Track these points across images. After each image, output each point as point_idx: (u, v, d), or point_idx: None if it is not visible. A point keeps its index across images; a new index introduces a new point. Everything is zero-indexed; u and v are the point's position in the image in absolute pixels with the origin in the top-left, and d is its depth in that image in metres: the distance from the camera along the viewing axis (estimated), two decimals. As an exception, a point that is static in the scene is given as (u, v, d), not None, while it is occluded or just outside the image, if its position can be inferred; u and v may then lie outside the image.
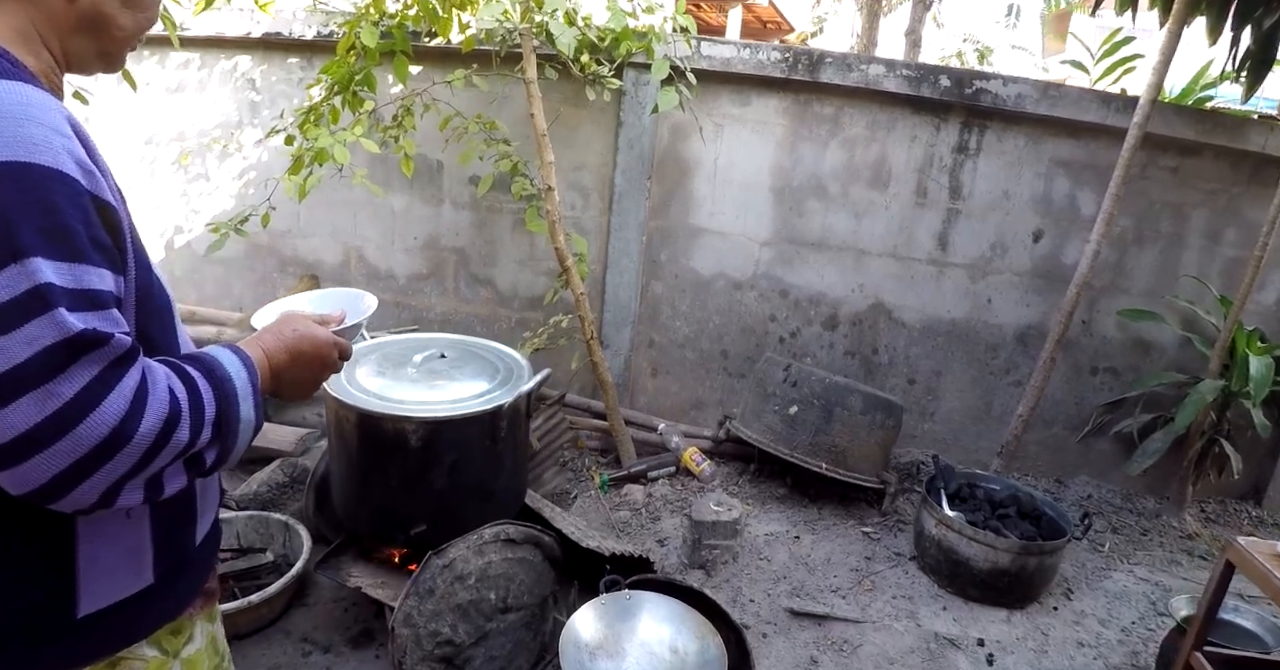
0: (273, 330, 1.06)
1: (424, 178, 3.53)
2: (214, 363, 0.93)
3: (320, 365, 1.09)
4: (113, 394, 0.77)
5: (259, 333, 1.07)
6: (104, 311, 0.79)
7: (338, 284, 3.83)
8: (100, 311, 0.78)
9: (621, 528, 2.81)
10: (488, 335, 3.62)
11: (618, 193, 3.32)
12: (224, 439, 0.90)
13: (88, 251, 0.78)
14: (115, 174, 0.96)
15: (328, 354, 1.09)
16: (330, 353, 1.10)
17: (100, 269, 0.80)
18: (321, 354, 1.08)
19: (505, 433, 1.99)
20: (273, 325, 1.08)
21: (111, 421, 0.76)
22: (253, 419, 0.94)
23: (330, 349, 1.09)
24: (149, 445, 0.80)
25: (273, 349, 1.03)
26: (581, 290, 2.83)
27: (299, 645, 2.26)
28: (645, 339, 3.50)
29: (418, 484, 1.96)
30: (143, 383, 0.81)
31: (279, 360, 1.03)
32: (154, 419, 0.80)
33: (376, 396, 1.92)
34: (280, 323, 1.09)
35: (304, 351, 1.06)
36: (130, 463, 0.79)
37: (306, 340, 1.06)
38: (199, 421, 0.85)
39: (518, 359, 2.22)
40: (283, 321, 1.09)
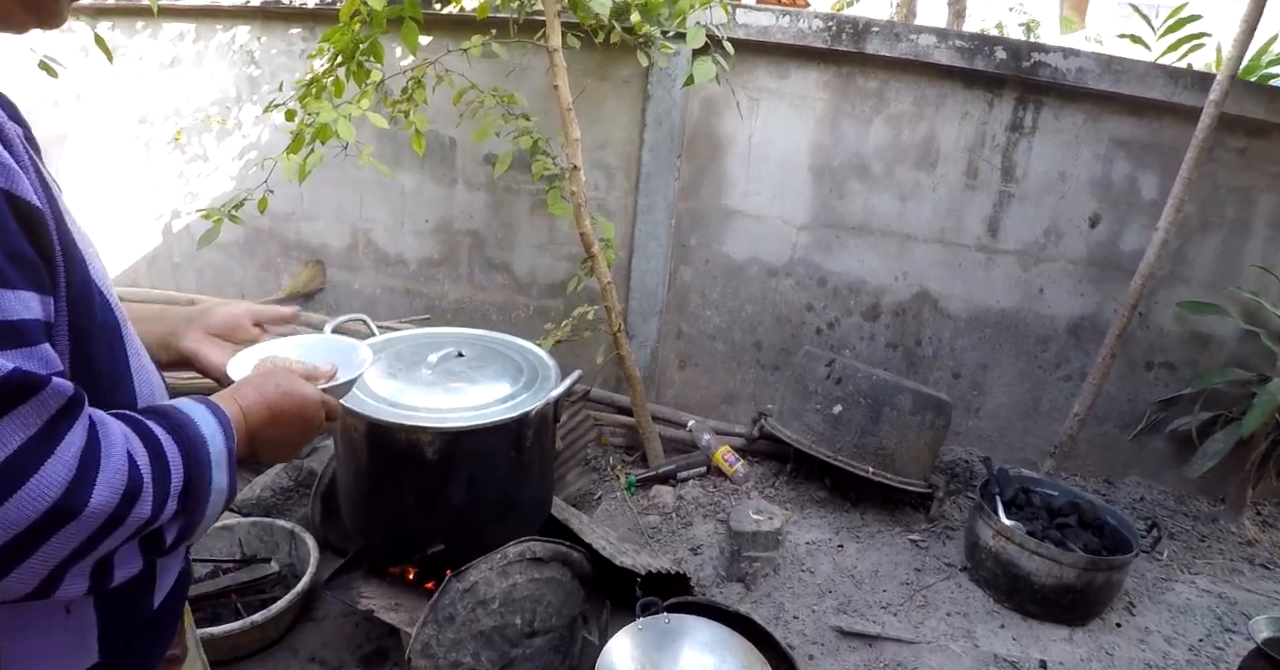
0: (253, 384, 0.91)
1: (436, 156, 3.31)
2: (184, 420, 0.75)
3: (303, 426, 0.94)
4: (53, 457, 0.60)
5: (237, 385, 0.92)
6: (32, 348, 0.62)
7: (345, 270, 3.63)
8: (27, 348, 0.61)
9: (651, 534, 2.62)
10: (504, 324, 3.42)
11: (645, 172, 3.10)
12: (190, 512, 0.74)
13: (3, 270, 0.61)
14: (106, 154, 0.74)
15: (313, 415, 0.95)
16: (316, 413, 0.95)
17: (22, 291, 0.62)
18: (306, 414, 0.93)
19: (531, 442, 1.79)
20: (253, 378, 0.93)
21: (53, 492, 0.60)
22: (225, 488, 0.79)
23: (317, 409, 0.95)
24: (100, 522, 0.64)
25: (251, 405, 0.87)
26: (608, 279, 2.62)
27: (306, 666, 2.09)
28: (673, 329, 3.30)
29: (434, 499, 1.77)
30: (91, 441, 0.64)
31: (257, 418, 0.88)
32: (108, 491, 0.64)
33: (388, 403, 1.72)
34: (262, 376, 0.94)
35: (286, 410, 0.91)
36: (74, 544, 0.63)
37: (290, 398, 0.91)
38: (163, 493, 0.70)
39: (543, 357, 2.02)
40: (265, 375, 0.94)
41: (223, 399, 0.86)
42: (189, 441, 0.74)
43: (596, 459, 3.00)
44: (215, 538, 2.29)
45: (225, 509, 0.81)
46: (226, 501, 0.80)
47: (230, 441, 0.79)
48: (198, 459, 0.74)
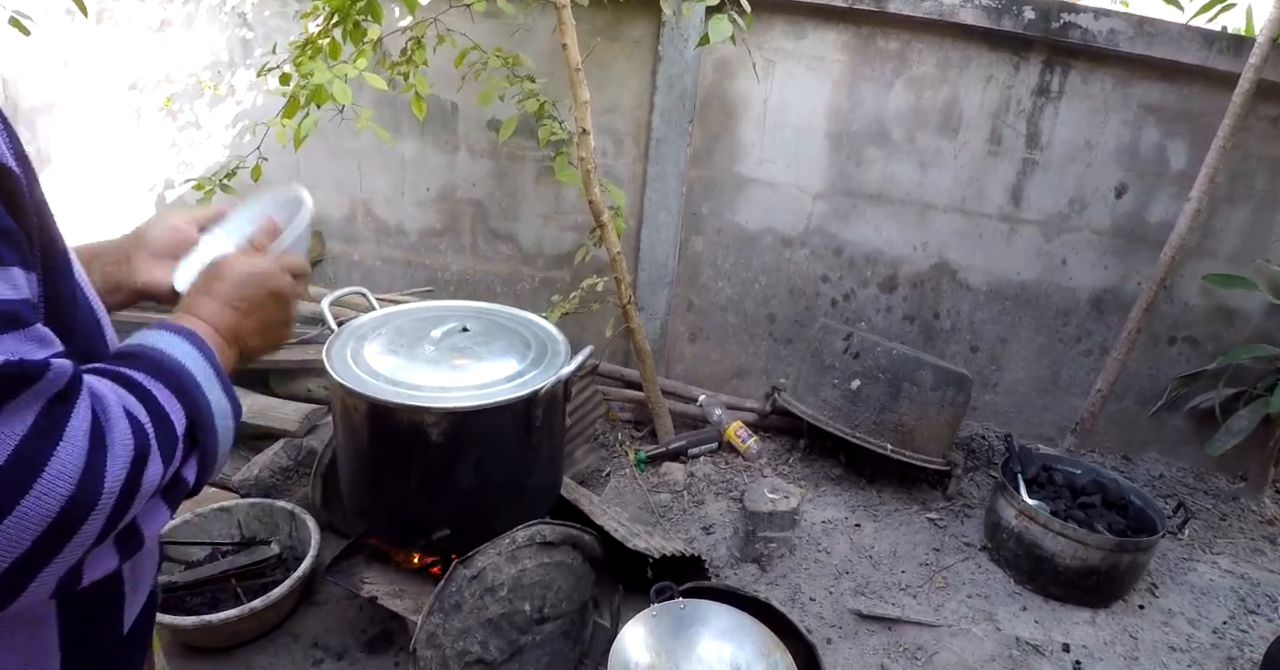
0: (201, 290, 0.83)
1: (437, 122, 3.18)
2: (157, 354, 0.69)
3: (276, 303, 0.86)
4: (64, 443, 0.54)
5: (186, 299, 0.83)
6: (26, 330, 0.56)
7: (344, 241, 3.51)
8: (21, 330, 0.55)
9: (662, 512, 2.55)
10: (509, 296, 3.32)
11: (655, 138, 2.98)
12: (203, 445, 0.69)
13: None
14: (95, 123, 0.65)
15: (279, 286, 0.86)
16: (281, 283, 0.87)
17: (10, 268, 0.55)
18: (273, 290, 0.86)
19: (541, 422, 1.70)
20: (199, 284, 0.85)
21: (69, 482, 0.54)
22: (227, 405, 0.73)
23: (279, 279, 0.87)
24: (118, 498, 0.58)
25: (211, 312, 0.80)
26: (618, 249, 2.52)
27: (309, 651, 2.03)
28: (683, 301, 3.20)
29: (439, 483, 1.69)
30: (96, 417, 0.58)
31: (226, 321, 0.81)
32: (121, 463, 0.58)
33: (389, 381, 1.63)
34: (206, 279, 0.85)
35: (249, 297, 0.83)
36: (98, 527, 0.58)
37: (247, 283, 0.83)
38: (169, 440, 0.64)
39: (551, 332, 1.92)
40: (207, 276, 0.85)
41: (181, 318, 0.78)
42: (172, 374, 0.68)
43: (605, 435, 2.92)
44: (213, 519, 2.22)
45: (237, 426, 0.75)
46: (234, 418, 0.74)
47: (210, 355, 0.73)
48: (185, 386, 0.68)
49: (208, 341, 0.75)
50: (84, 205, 3.81)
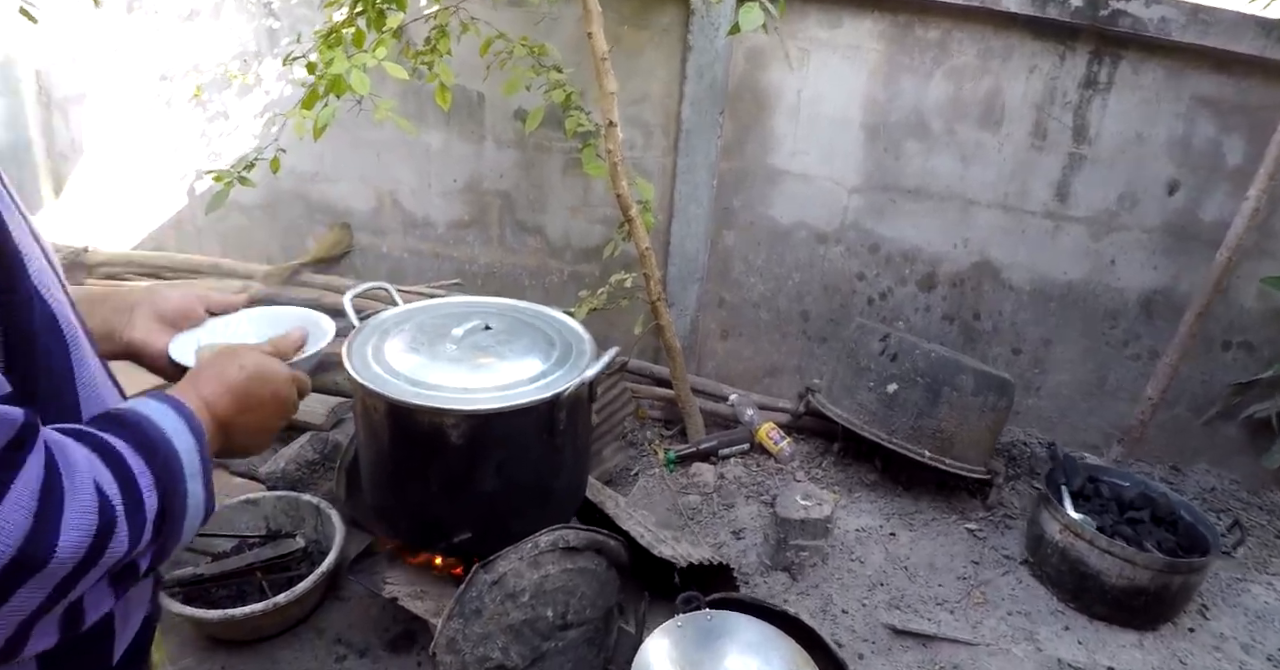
0: (214, 368, 0.79)
1: (463, 112, 3.13)
2: (149, 430, 0.64)
3: (275, 409, 0.83)
4: (6, 501, 0.50)
5: (195, 373, 0.79)
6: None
7: (371, 233, 3.48)
8: None
9: (691, 515, 2.49)
10: (537, 290, 3.27)
11: (685, 129, 2.91)
12: (167, 536, 0.64)
13: None
14: (127, 112, 0.60)
15: (285, 394, 0.84)
16: (288, 393, 0.84)
17: None
18: (279, 395, 0.83)
19: (565, 424, 1.64)
20: (214, 361, 0.81)
21: (10, 542, 0.49)
22: (202, 502, 0.68)
23: (288, 388, 0.84)
24: (69, 569, 0.54)
25: (214, 396, 0.76)
26: (646, 244, 2.45)
27: (332, 647, 2.01)
28: (714, 297, 3.12)
29: (461, 486, 1.64)
30: (51, 475, 0.53)
31: (225, 409, 0.76)
32: (77, 533, 0.53)
33: (409, 381, 1.58)
34: (222, 358, 0.81)
35: (254, 394, 0.79)
36: (40, 597, 0.53)
37: (258, 380, 0.80)
38: (138, 524, 0.59)
39: (576, 330, 1.86)
40: (225, 356, 0.82)
41: (183, 392, 0.74)
42: (158, 455, 0.63)
43: (634, 433, 2.86)
44: (240, 512, 2.21)
45: (204, 522, 0.69)
46: (205, 515, 0.69)
47: (202, 444, 0.68)
48: (170, 473, 0.63)
49: (202, 425, 0.70)
50: (116, 194, 3.82)
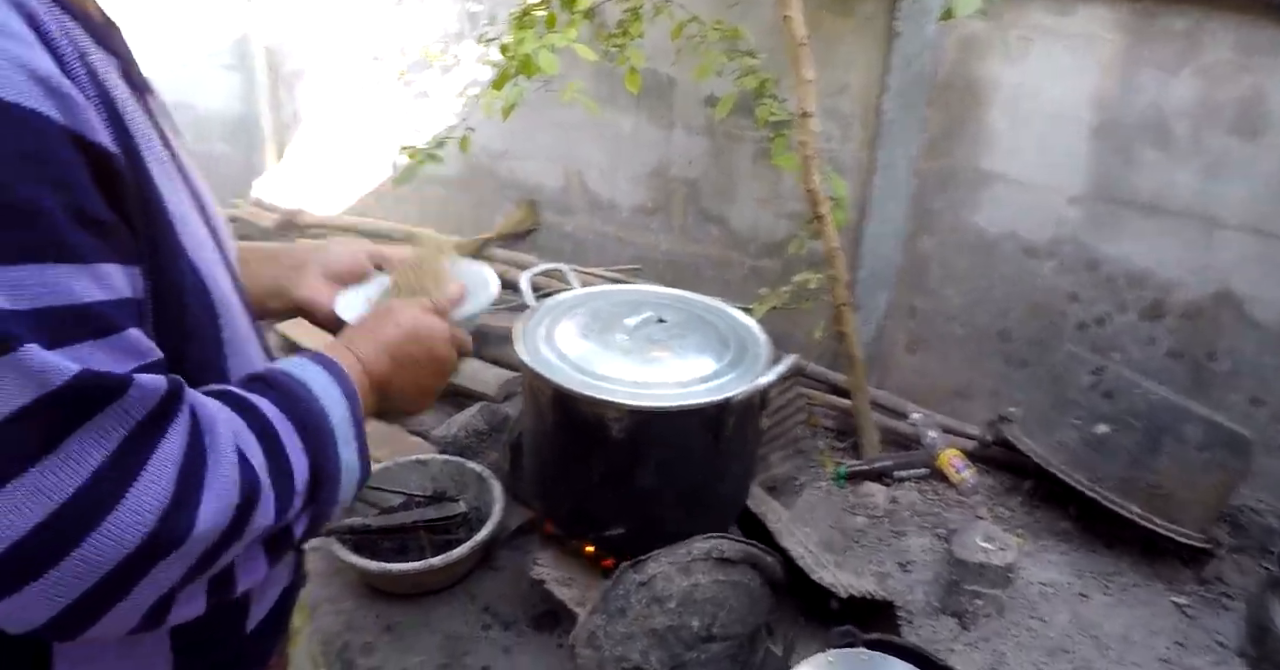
0: (369, 327, 0.76)
1: (653, 96, 3.08)
2: (299, 392, 0.60)
3: (433, 369, 0.79)
4: (144, 476, 0.47)
5: (350, 332, 0.75)
6: (112, 337, 0.49)
7: (557, 212, 3.53)
8: (106, 338, 0.48)
9: (856, 537, 2.33)
10: (716, 282, 3.18)
11: (885, 122, 2.70)
12: (321, 503, 0.61)
13: (66, 238, 0.46)
14: (341, 89, 0.59)
15: (443, 354, 0.78)
16: (446, 352, 0.78)
17: (98, 264, 0.48)
18: (437, 355, 0.77)
19: (733, 430, 1.56)
20: (368, 321, 0.78)
21: (144, 522, 0.47)
22: (357, 466, 0.64)
23: (446, 347, 0.78)
24: (212, 543, 0.51)
25: (371, 355, 0.72)
26: (836, 244, 2.30)
27: (479, 615, 2.05)
28: (905, 305, 2.90)
29: (618, 481, 1.60)
30: (193, 448, 0.51)
31: (380, 369, 0.72)
32: (217, 506, 0.51)
33: (576, 368, 1.55)
34: (378, 317, 0.79)
35: (411, 354, 0.75)
36: (182, 569, 0.51)
37: (416, 339, 0.75)
38: (286, 493, 0.57)
39: (753, 330, 1.77)
40: (381, 315, 0.79)
41: (337, 351, 0.70)
42: (309, 420, 0.60)
43: (803, 441, 2.72)
44: (410, 470, 2.32)
45: (359, 489, 0.66)
46: (360, 480, 0.66)
47: (356, 407, 0.65)
48: (321, 440, 0.60)
49: (357, 387, 0.66)
50: (328, 163, 4.13)
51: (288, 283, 0.90)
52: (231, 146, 4.50)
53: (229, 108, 4.35)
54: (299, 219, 3.78)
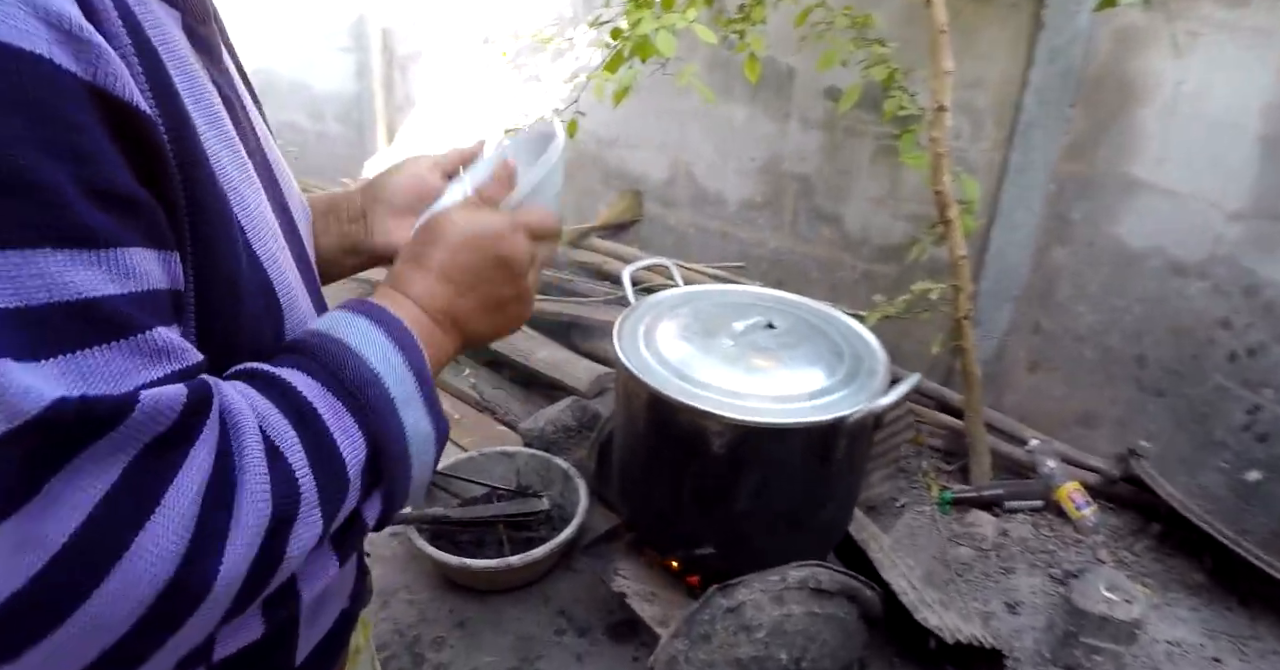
0: (412, 256, 0.62)
1: (771, 87, 2.94)
2: (340, 354, 0.50)
3: (506, 274, 0.63)
4: (159, 514, 0.39)
5: (395, 269, 0.62)
6: (130, 338, 0.40)
7: (661, 204, 3.43)
8: (118, 340, 0.39)
9: (960, 570, 2.15)
10: (824, 285, 3.03)
11: (1024, 121, 2.49)
12: (390, 480, 0.53)
13: (72, 217, 0.38)
14: (453, 72, 0.50)
15: (510, 251, 0.63)
16: (513, 247, 0.63)
17: (113, 250, 0.39)
18: (505, 255, 0.63)
19: (843, 453, 1.42)
20: (410, 248, 0.64)
21: (162, 571, 0.39)
22: (429, 428, 0.54)
23: (511, 242, 0.63)
24: (245, 581, 0.43)
25: (422, 288, 0.60)
26: (962, 252, 2.13)
27: (554, 619, 1.98)
28: (1029, 321, 2.68)
29: (713, 498, 1.49)
30: (220, 471, 0.42)
31: (439, 300, 0.60)
32: (249, 535, 0.42)
33: (676, 373, 1.44)
34: (416, 243, 0.63)
35: (468, 266, 0.62)
36: (216, 617, 0.43)
37: (466, 247, 0.61)
38: (335, 485, 0.48)
39: (869, 343, 1.62)
40: (419, 239, 0.64)
41: (382, 295, 0.60)
42: (357, 387, 0.50)
43: (908, 460, 2.55)
44: (495, 461, 2.27)
45: (440, 451, 0.57)
46: (439, 441, 0.56)
47: (415, 357, 0.54)
48: (377, 409, 0.50)
49: (414, 333, 0.55)
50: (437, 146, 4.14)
51: (358, 236, 0.80)
52: (344, 127, 4.59)
53: (344, 88, 4.42)
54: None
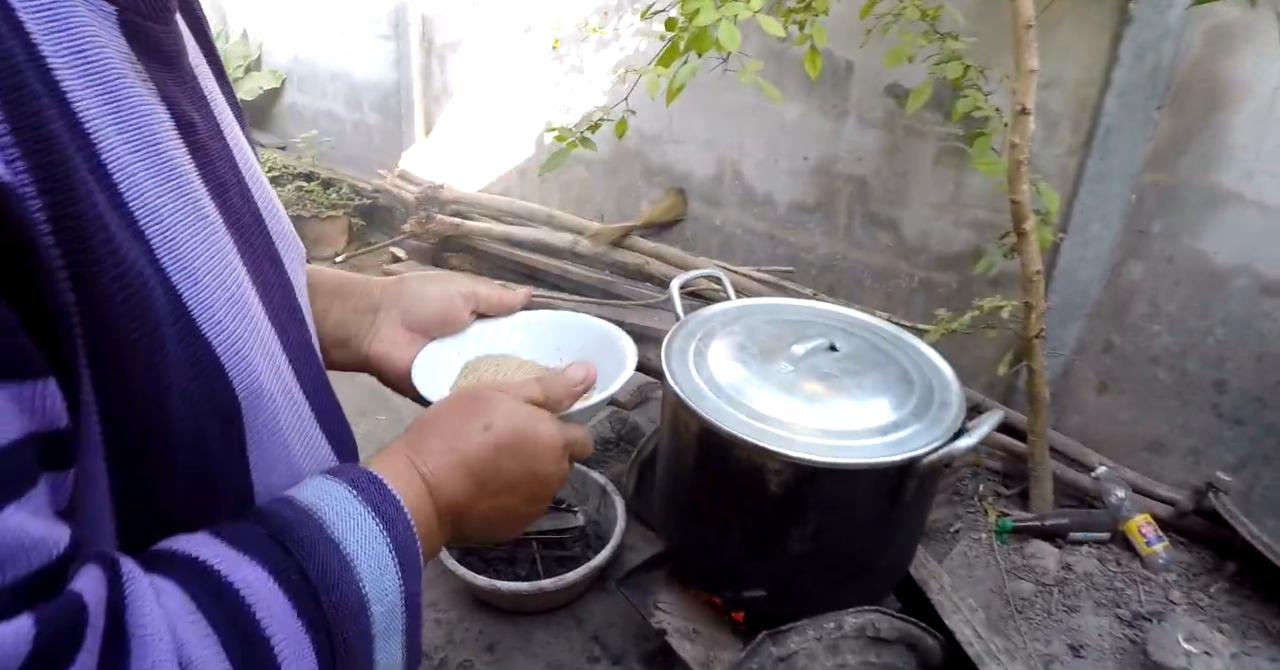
0: (445, 427, 0.52)
1: (828, 83, 2.79)
2: (330, 563, 0.39)
3: (532, 493, 0.55)
4: None
5: (416, 430, 0.51)
6: None
7: (706, 203, 3.30)
8: None
9: (1019, 606, 2.02)
10: (878, 293, 2.88)
11: (1105, 125, 2.32)
12: None
13: None
14: (492, 62, 0.36)
15: (550, 471, 0.55)
16: (555, 468, 0.56)
17: None
18: (540, 474, 0.54)
19: (912, 496, 1.29)
20: (448, 413, 0.53)
21: None
22: (400, 664, 0.42)
23: (555, 460, 0.55)
24: None
25: (443, 474, 0.48)
26: (1037, 267, 1.97)
27: (587, 644, 1.88)
28: (1100, 339, 2.51)
29: (766, 539, 1.36)
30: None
31: (457, 495, 0.48)
32: None
33: (730, 401, 1.32)
34: (463, 408, 0.53)
35: (505, 474, 0.52)
36: None
37: (511, 449, 0.52)
38: None
39: (942, 371, 1.48)
40: (466, 407, 0.53)
41: (395, 463, 0.48)
42: (337, 624, 0.38)
43: (964, 482, 2.41)
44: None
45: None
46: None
47: (414, 577, 0.42)
48: (351, 648, 0.39)
49: (418, 539, 0.44)
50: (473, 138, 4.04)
51: (356, 330, 0.69)
52: (382, 116, 4.51)
53: (383, 77, 4.34)
54: (441, 194, 3.72)
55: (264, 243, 0.48)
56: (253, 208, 0.48)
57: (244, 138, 0.53)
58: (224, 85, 0.54)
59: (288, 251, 0.52)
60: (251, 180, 0.49)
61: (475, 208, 3.71)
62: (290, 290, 0.50)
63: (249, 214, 0.47)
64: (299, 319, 0.50)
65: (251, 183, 0.49)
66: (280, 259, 0.50)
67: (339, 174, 4.66)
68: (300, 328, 0.51)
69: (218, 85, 0.52)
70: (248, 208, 0.47)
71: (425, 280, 0.73)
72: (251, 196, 0.49)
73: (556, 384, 0.59)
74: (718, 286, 1.81)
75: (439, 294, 0.71)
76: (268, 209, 0.50)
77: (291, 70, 5.15)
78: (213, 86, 0.51)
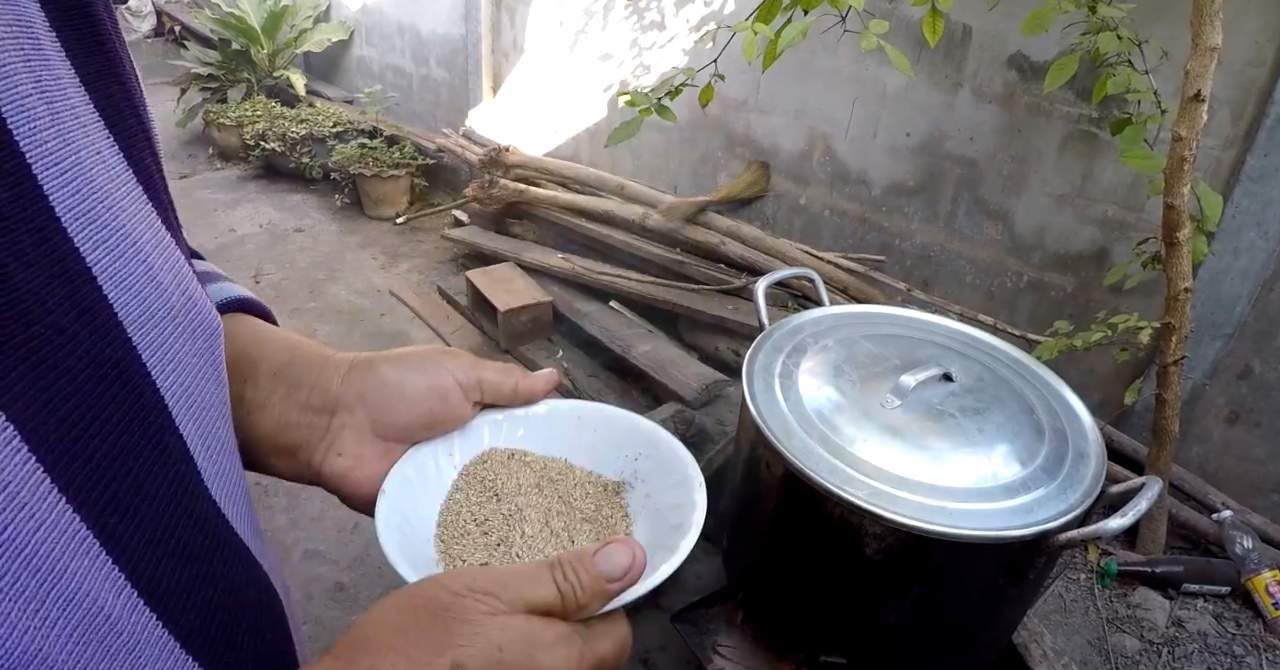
0: (393, 656, 0.32)
1: (940, 50, 2.48)
2: None
3: None
4: None
5: (349, 649, 0.33)
6: None
7: (792, 179, 3.02)
8: None
9: (1120, 664, 1.79)
10: (980, 291, 2.60)
11: (1274, 114, 1.98)
12: None
13: None
14: (566, 16, 0.12)
15: None
16: None
17: None
18: None
19: (1037, 573, 1.07)
20: (395, 629, 0.34)
21: None
22: None
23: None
24: None
25: None
26: (1188, 283, 1.69)
27: (634, 666, 1.74)
28: (1238, 363, 2.20)
29: (856, 606, 1.16)
30: None
31: None
32: None
33: (822, 440, 1.11)
34: (424, 624, 0.34)
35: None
36: None
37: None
38: None
39: (1078, 414, 1.24)
40: (430, 621, 0.34)
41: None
42: None
43: (1059, 515, 2.16)
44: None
45: None
46: None
47: None
48: None
49: None
50: (543, 97, 3.81)
51: (306, 437, 0.50)
52: (448, 72, 4.31)
53: (450, 32, 4.14)
54: (505, 157, 3.52)
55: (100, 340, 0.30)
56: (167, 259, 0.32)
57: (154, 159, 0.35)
58: (120, 93, 0.35)
59: (161, 340, 0.33)
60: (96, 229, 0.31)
61: (541, 173, 3.50)
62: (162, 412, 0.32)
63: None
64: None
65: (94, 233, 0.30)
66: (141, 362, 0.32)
67: (403, 132, 4.49)
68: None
69: (88, 93, 0.33)
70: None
71: (405, 366, 0.52)
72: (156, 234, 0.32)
73: (581, 576, 0.39)
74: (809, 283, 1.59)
75: (426, 390, 0.51)
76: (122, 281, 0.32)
77: (360, 22, 4.98)
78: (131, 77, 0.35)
